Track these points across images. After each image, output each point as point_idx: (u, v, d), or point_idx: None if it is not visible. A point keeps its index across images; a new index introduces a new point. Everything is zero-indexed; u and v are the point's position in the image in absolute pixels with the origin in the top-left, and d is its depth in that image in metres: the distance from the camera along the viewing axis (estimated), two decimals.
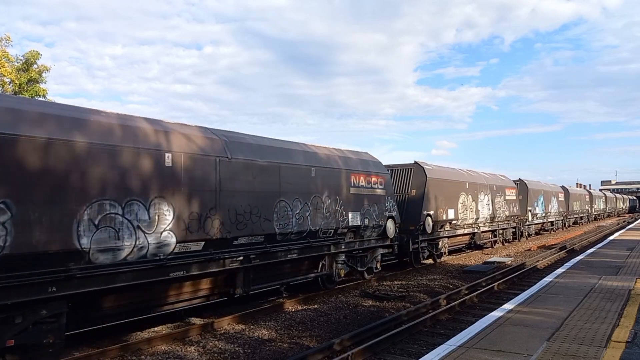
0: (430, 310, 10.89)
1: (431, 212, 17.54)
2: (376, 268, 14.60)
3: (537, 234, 33.76)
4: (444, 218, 18.58)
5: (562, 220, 39.51)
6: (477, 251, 23.13)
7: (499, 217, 23.93)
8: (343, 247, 12.94)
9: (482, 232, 22.56)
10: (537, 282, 11.71)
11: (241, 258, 9.88)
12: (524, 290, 10.76)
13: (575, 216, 45.95)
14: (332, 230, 12.33)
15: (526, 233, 29.80)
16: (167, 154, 8.42)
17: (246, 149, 10.27)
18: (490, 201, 22.85)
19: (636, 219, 57.28)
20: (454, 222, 19.33)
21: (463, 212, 20.08)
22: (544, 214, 33.37)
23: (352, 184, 13.25)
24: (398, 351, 8.26)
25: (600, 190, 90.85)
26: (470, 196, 20.70)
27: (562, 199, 39.29)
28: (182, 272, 8.69)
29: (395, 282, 14.89)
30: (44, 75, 24.83)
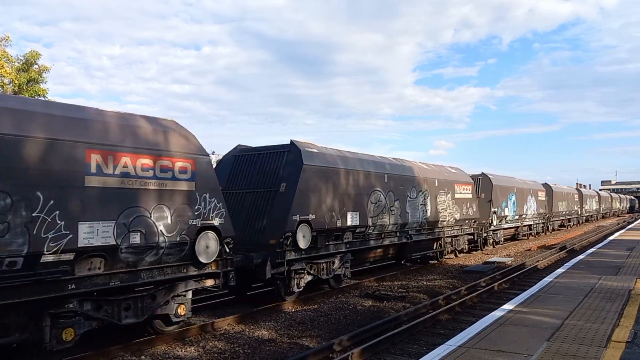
0: (430, 311, 10.89)
1: (310, 217, 11.56)
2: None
3: (510, 239, 28.41)
4: (337, 225, 12.52)
5: (543, 223, 33.84)
6: (477, 252, 23.10)
7: (444, 220, 18.31)
8: None
9: (415, 241, 16.54)
10: (537, 282, 11.70)
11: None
12: (524, 290, 10.76)
13: (561, 218, 40.42)
14: None
15: (491, 240, 23.99)
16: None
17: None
18: (428, 200, 17.11)
19: (635, 220, 56.96)
20: (359, 230, 13.48)
21: (377, 215, 14.14)
22: (516, 217, 27.32)
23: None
24: (398, 351, 8.26)
25: (600, 189, 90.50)
26: (390, 193, 14.94)
27: (543, 198, 33.39)
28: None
29: (395, 282, 14.89)
30: (44, 75, 24.84)
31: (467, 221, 20.45)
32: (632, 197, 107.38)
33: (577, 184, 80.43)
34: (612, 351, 6.08)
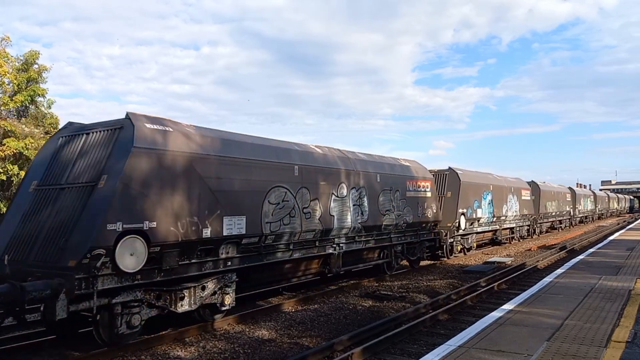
0: (430, 311, 10.89)
1: (145, 226, 7.89)
2: None
3: (484, 246, 24.89)
4: (204, 236, 8.92)
5: (528, 226, 30.36)
6: (477, 251, 23.10)
7: (390, 224, 14.77)
8: None
9: (346, 252, 13.16)
10: (537, 282, 11.71)
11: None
12: (524, 290, 10.76)
13: (551, 220, 36.79)
14: None
15: (459, 247, 20.58)
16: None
17: None
18: (365, 200, 13.66)
19: (635, 219, 56.84)
20: (247, 241, 9.96)
21: (279, 220, 10.67)
22: (493, 219, 23.66)
23: None
24: (398, 351, 8.26)
25: (601, 189, 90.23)
26: (304, 191, 11.45)
27: (528, 198, 29.54)
28: None
29: (395, 282, 14.89)
30: (44, 75, 24.82)
31: (425, 225, 17.13)
32: (632, 197, 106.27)
33: (577, 183, 79.59)
34: (612, 351, 6.09)
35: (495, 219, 23.99)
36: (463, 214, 20.07)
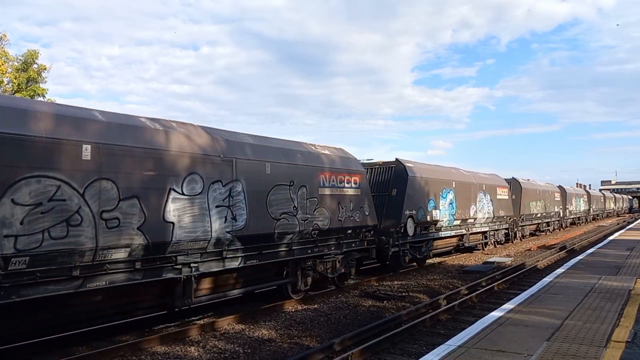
0: (430, 310, 10.89)
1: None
2: None
3: (447, 254, 21.15)
4: None
5: (506, 228, 25.76)
6: (477, 251, 23.10)
7: (289, 232, 10.93)
8: None
9: (203, 274, 9.26)
10: (537, 282, 11.71)
11: None
12: (524, 290, 10.77)
13: (535, 222, 32.25)
14: None
15: (407, 258, 16.42)
16: None
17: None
18: (243, 200, 9.82)
19: (635, 219, 56.74)
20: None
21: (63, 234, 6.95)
22: (456, 222, 19.37)
23: None
24: (398, 351, 8.26)
25: (601, 189, 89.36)
26: (105, 184, 7.54)
27: (506, 197, 25.14)
28: None
29: (395, 282, 14.89)
30: (43, 74, 24.83)
31: (351, 231, 13.03)
32: (630, 197, 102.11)
33: (577, 183, 78.78)
34: (612, 351, 6.09)
35: (460, 222, 19.63)
36: (411, 216, 15.96)
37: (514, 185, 28.27)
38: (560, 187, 40.34)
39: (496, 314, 8.28)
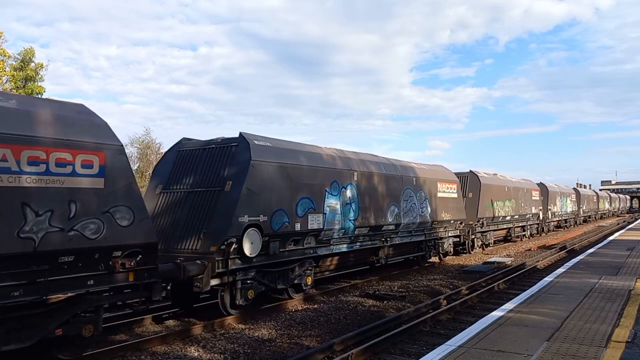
0: (431, 311, 10.89)
1: None
2: None
3: (334, 279, 15.18)
4: None
5: (456, 236, 19.79)
6: (477, 251, 23.09)
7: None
8: None
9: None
10: (537, 282, 11.72)
11: None
12: (524, 290, 10.77)
13: (504, 227, 26.13)
14: None
15: (251, 294, 10.22)
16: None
17: None
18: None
19: (636, 219, 56.51)
20: None
21: None
22: (356, 231, 13.43)
23: None
24: (398, 351, 8.26)
25: (601, 189, 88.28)
26: None
27: (454, 195, 19.23)
28: None
29: (395, 282, 14.89)
30: (41, 73, 24.80)
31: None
32: (627, 197, 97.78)
33: (577, 183, 77.70)
34: (612, 351, 6.09)
35: (367, 230, 13.91)
36: (254, 225, 10.10)
37: (471, 180, 22.47)
38: (540, 184, 34.42)
39: (496, 314, 8.28)
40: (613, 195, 76.22)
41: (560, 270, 13.34)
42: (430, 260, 18.46)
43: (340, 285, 14.00)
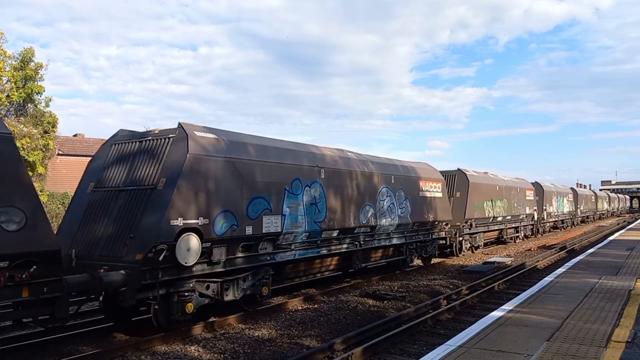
0: (431, 311, 10.89)
1: None
2: None
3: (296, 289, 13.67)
4: None
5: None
6: (477, 251, 23.08)
7: None
8: None
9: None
10: (537, 282, 11.72)
11: None
12: (524, 290, 10.76)
13: (495, 228, 24.65)
14: None
15: (190, 308, 8.92)
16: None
17: None
18: None
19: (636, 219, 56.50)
20: None
21: None
22: (323, 234, 12.09)
23: None
24: (398, 351, 8.26)
25: (601, 189, 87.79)
26: None
27: (439, 195, 17.86)
28: None
29: (395, 282, 14.89)
30: (40, 72, 24.75)
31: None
32: (627, 197, 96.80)
33: (577, 183, 77.09)
34: (612, 351, 6.09)
35: (337, 233, 12.53)
36: (193, 229, 8.74)
37: (459, 179, 21.30)
38: (535, 183, 33.52)
39: (496, 314, 8.27)
40: (612, 195, 75.24)
41: (560, 270, 13.33)
42: (412, 264, 17.18)
43: (340, 285, 14.00)
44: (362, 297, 12.69)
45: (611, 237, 25.61)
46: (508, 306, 8.85)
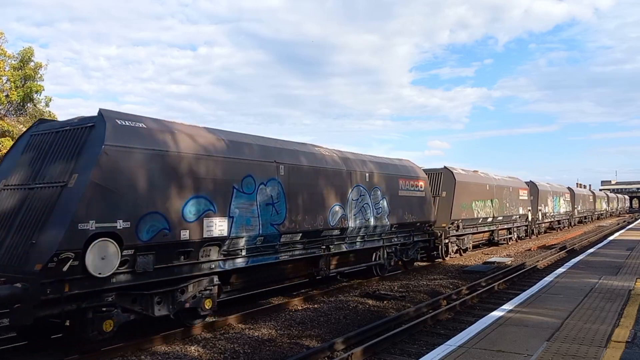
0: (431, 310, 10.89)
1: None
2: None
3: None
4: None
5: (424, 241, 17.19)
6: (477, 251, 23.08)
7: None
8: None
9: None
10: (537, 282, 11.72)
11: None
12: (524, 290, 10.77)
13: (485, 230, 23.37)
14: None
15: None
16: None
17: None
18: None
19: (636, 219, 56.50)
20: None
21: None
22: (283, 237, 10.76)
23: None
24: (398, 351, 8.26)
25: (601, 189, 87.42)
26: None
27: (421, 194, 16.60)
28: None
29: (395, 282, 14.89)
30: (40, 72, 24.75)
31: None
32: (627, 197, 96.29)
33: (577, 184, 76.63)
34: (612, 351, 6.09)
35: (300, 236, 11.27)
36: (105, 233, 7.66)
37: (445, 177, 19.95)
38: (530, 182, 32.04)
39: (496, 314, 8.28)
40: (611, 195, 73.98)
41: (560, 270, 13.34)
42: (390, 269, 15.65)
43: (340, 285, 14.00)
44: (362, 297, 12.69)
45: (611, 237, 25.62)
46: (508, 306, 8.85)
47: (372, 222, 13.86)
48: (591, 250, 18.91)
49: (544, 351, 6.08)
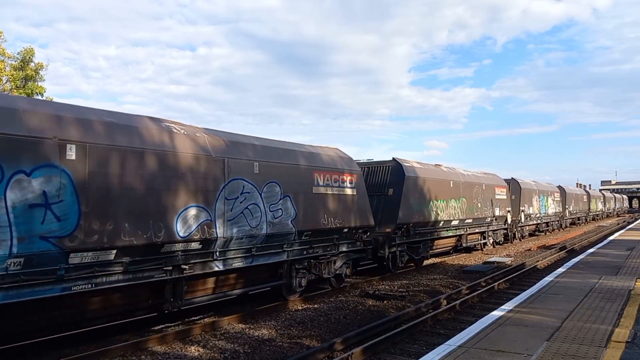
0: (431, 310, 10.90)
1: None
2: None
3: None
4: None
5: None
6: (477, 251, 23.08)
7: None
8: None
9: None
10: (537, 282, 11.72)
11: None
12: (524, 290, 10.77)
13: (447, 236, 19.45)
14: None
15: None
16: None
17: None
18: None
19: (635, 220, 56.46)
20: None
21: None
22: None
23: None
24: (398, 351, 8.26)
25: (601, 189, 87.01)
26: None
27: (350, 192, 13.11)
28: None
29: (395, 282, 14.89)
30: (41, 73, 24.77)
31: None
32: (626, 197, 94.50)
33: (577, 183, 76.50)
34: (612, 351, 6.09)
35: (112, 254, 7.59)
36: None
37: (394, 172, 16.32)
38: (511, 180, 28.39)
39: (496, 313, 8.28)
40: (608, 194, 70.51)
41: (560, 270, 13.34)
42: (298, 290, 11.77)
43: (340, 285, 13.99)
44: (362, 297, 12.69)
45: (611, 237, 25.62)
46: (508, 306, 8.85)
47: (264, 229, 10.31)
48: (591, 250, 18.91)
49: (543, 351, 6.09)
